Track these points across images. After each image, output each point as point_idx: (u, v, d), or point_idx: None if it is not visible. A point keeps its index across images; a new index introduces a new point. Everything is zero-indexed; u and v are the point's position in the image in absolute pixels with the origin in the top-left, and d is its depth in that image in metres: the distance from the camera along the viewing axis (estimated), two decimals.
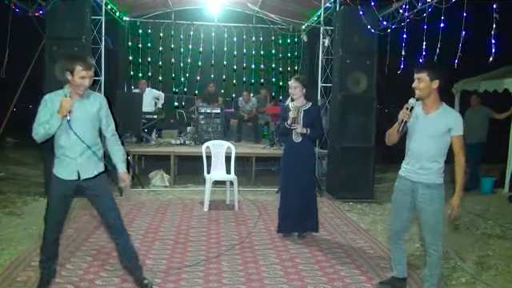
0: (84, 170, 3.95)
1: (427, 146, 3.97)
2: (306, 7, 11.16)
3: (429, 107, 4.01)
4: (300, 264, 5.15)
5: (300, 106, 5.96)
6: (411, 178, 4.07)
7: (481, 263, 5.32)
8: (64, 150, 3.91)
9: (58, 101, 3.83)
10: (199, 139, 10.75)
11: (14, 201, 7.63)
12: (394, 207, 4.28)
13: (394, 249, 4.40)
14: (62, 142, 3.90)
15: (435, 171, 4.00)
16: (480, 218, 7.35)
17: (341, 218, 7.21)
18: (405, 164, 4.18)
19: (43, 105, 3.88)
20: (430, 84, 3.93)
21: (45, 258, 4.17)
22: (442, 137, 3.94)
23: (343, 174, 8.35)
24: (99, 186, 4.06)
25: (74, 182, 3.96)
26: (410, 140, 4.11)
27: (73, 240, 5.68)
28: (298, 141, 5.94)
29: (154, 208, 7.51)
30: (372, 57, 8.44)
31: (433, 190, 4.01)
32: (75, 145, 3.88)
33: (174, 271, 4.80)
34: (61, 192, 4.01)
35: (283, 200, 6.09)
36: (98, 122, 4.04)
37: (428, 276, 4.17)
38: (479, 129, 9.74)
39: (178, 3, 12.66)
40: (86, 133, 3.91)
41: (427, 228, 4.08)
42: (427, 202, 4.01)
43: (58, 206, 4.07)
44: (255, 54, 13.93)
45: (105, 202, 4.07)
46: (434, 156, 3.98)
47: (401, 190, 4.18)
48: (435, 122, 3.95)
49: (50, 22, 7.94)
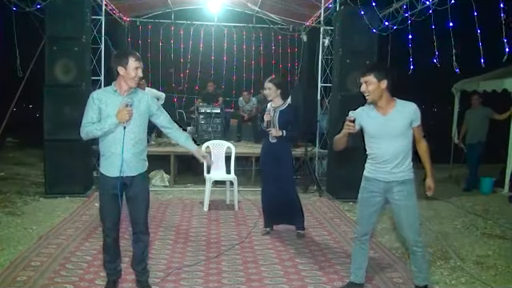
0: (129, 167, 3.98)
1: (395, 146, 3.98)
2: (306, 7, 11.16)
3: (385, 108, 4.01)
4: (300, 264, 5.15)
5: (276, 106, 6.03)
6: (384, 179, 4.06)
7: (481, 263, 5.31)
8: (110, 148, 3.96)
9: (106, 98, 3.93)
10: (199, 139, 10.75)
11: (13, 201, 7.62)
12: (364, 209, 4.24)
13: (358, 251, 4.34)
14: (109, 139, 3.95)
15: (407, 166, 4.03)
16: (480, 217, 7.34)
17: (341, 218, 7.21)
18: (372, 166, 4.18)
19: (91, 103, 3.94)
20: (379, 85, 3.93)
21: (110, 258, 4.20)
22: (405, 133, 3.98)
23: (343, 174, 8.34)
24: (140, 185, 4.11)
25: (119, 178, 3.97)
26: (373, 143, 4.12)
27: (73, 240, 5.68)
28: (274, 141, 6.01)
29: (153, 208, 7.49)
30: (372, 57, 8.42)
31: (407, 185, 4.03)
32: (121, 141, 3.92)
33: (173, 271, 4.80)
34: (110, 190, 4.01)
35: (264, 198, 6.25)
36: (146, 118, 4.11)
37: (417, 272, 4.18)
38: (479, 129, 9.74)
39: (178, 3, 12.66)
40: (133, 129, 3.97)
41: (407, 225, 4.06)
42: (405, 197, 4.02)
43: (110, 205, 4.05)
44: (255, 53, 13.93)
45: (138, 203, 4.10)
46: (403, 153, 4.00)
47: (371, 192, 4.15)
48: (396, 120, 3.96)
49: (50, 22, 7.92)
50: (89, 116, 3.92)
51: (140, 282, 4.31)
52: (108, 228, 4.09)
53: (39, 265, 4.84)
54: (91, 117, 3.91)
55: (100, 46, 9.27)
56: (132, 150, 3.98)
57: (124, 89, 3.96)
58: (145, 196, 4.17)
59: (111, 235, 4.12)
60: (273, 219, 6.28)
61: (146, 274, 4.32)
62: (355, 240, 4.38)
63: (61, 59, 7.90)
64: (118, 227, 4.17)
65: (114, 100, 3.92)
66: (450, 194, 8.96)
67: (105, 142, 3.98)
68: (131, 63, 3.90)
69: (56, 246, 5.47)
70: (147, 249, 4.29)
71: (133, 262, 4.30)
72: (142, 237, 4.18)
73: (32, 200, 7.76)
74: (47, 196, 7.89)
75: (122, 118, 3.83)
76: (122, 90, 3.97)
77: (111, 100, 3.93)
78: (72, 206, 7.37)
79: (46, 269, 4.74)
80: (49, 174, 8.02)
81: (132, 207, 4.09)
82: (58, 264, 4.88)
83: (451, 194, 8.98)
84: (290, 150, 6.31)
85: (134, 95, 4.00)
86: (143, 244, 4.21)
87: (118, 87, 3.98)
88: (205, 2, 12.39)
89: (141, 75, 4.00)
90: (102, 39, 9.36)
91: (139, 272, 4.29)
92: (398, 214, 4.09)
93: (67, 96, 7.83)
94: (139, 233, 4.16)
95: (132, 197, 4.06)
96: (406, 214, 4.04)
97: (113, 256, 4.21)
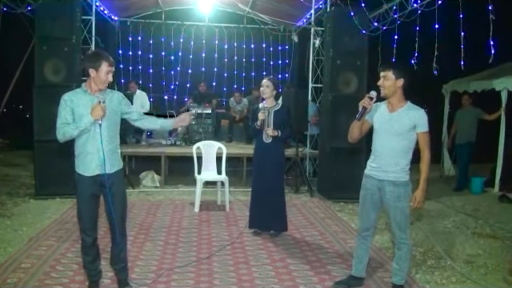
0: (105, 165, 3.96)
1: (392, 144, 4.05)
2: (297, 8, 11.17)
3: (394, 106, 4.10)
4: (291, 264, 5.16)
5: (270, 107, 6.07)
6: (377, 177, 4.14)
7: (471, 262, 5.35)
8: (86, 147, 3.95)
9: (77, 99, 3.92)
10: (190, 140, 10.75)
11: (3, 202, 7.57)
12: (362, 205, 4.35)
13: (359, 246, 4.45)
14: (83, 138, 3.94)
15: (401, 168, 4.06)
16: (470, 217, 7.39)
17: (332, 218, 7.22)
18: (370, 162, 4.26)
19: (63, 105, 3.92)
20: (395, 82, 4.03)
21: (90, 259, 4.17)
22: (406, 134, 4.02)
23: (334, 175, 8.37)
24: (117, 183, 4.09)
25: (97, 177, 3.97)
26: (375, 138, 4.20)
27: (63, 241, 5.65)
28: (268, 141, 6.06)
29: (144, 209, 7.49)
30: (363, 57, 8.45)
31: (400, 187, 4.07)
32: (97, 140, 3.91)
33: (164, 272, 4.78)
34: (88, 190, 4.00)
35: (253, 198, 6.28)
36: (118, 116, 4.10)
37: (397, 270, 4.24)
38: (469, 129, 9.81)
39: (169, 3, 12.64)
40: (108, 126, 3.96)
41: (395, 223, 4.15)
42: (394, 199, 4.08)
43: (88, 205, 4.03)
44: (246, 54, 13.92)
45: (117, 203, 4.07)
46: (399, 153, 4.05)
47: (368, 189, 4.25)
48: (399, 119, 4.03)
49: (39, 22, 7.88)
50: (62, 117, 3.90)
51: (119, 280, 4.32)
52: (87, 228, 4.05)
53: (29, 267, 4.81)
54: (65, 118, 3.89)
55: (90, 46, 9.22)
56: (108, 147, 3.97)
57: (94, 90, 3.95)
58: (122, 194, 4.16)
59: (91, 235, 4.08)
60: (258, 222, 6.26)
61: (124, 272, 4.30)
62: (357, 235, 4.50)
63: (51, 59, 7.86)
64: (96, 227, 4.14)
65: (85, 100, 3.92)
66: (441, 194, 9.01)
67: (80, 141, 3.96)
68: (103, 67, 3.88)
69: (46, 247, 5.44)
70: (125, 248, 4.26)
71: (111, 260, 4.29)
72: (119, 237, 4.15)
73: (22, 201, 7.71)
74: (37, 197, 7.84)
75: (96, 114, 3.82)
76: (92, 90, 3.96)
77: (82, 100, 3.92)
78: (62, 207, 7.33)
79: (36, 271, 4.71)
80: (39, 175, 7.97)
81: (110, 206, 4.05)
82: (49, 266, 4.85)
83: (442, 194, 9.02)
84: (284, 150, 6.36)
85: (104, 94, 3.99)
86: (121, 244, 4.19)
87: (88, 87, 3.97)
88: (196, 3, 12.38)
89: (111, 80, 3.98)
90: (93, 39, 9.33)
91: (118, 270, 4.29)
92: (388, 212, 4.20)
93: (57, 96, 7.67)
94: (116, 233, 4.13)
95: (111, 196, 4.03)
96: (394, 215, 4.13)
97: (93, 256, 4.18)
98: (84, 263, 4.22)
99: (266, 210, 6.13)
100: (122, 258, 4.24)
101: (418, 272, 4.99)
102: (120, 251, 4.20)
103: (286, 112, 6.15)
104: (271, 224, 6.21)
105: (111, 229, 4.15)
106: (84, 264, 4.23)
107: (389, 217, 4.22)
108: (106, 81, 3.93)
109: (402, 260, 4.19)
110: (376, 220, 4.41)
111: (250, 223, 6.34)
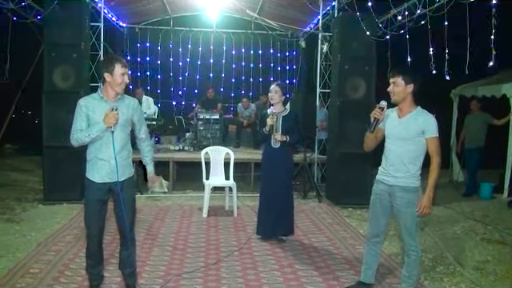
0: (117, 173, 3.98)
1: (401, 149, 4.05)
2: (305, 13, 11.18)
3: (403, 111, 4.09)
4: (299, 270, 5.14)
5: (278, 112, 6.08)
6: (388, 182, 4.13)
7: (480, 269, 5.31)
8: (98, 154, 3.97)
9: (93, 105, 3.96)
10: (198, 145, 10.76)
11: (12, 207, 7.60)
12: (372, 211, 4.34)
13: (368, 252, 4.44)
14: (96, 145, 3.97)
15: (411, 174, 4.05)
16: (479, 223, 7.34)
17: (340, 224, 7.20)
18: (381, 168, 4.25)
19: (78, 110, 3.96)
20: (405, 88, 4.02)
21: (93, 263, 4.21)
22: (414, 139, 4.01)
23: (342, 180, 8.34)
24: (128, 190, 4.12)
25: (106, 184, 4.00)
26: (386, 143, 4.19)
27: (72, 246, 5.66)
28: (277, 146, 6.07)
29: (152, 214, 7.50)
30: (371, 62, 8.44)
31: (409, 193, 4.05)
32: (109, 147, 3.95)
33: (173, 278, 4.78)
34: (97, 196, 4.02)
35: (262, 204, 6.27)
36: (130, 125, 4.13)
37: (406, 277, 4.22)
38: (478, 134, 9.77)
39: (177, 10, 12.68)
40: (120, 134, 4.00)
41: (404, 230, 4.13)
42: (404, 205, 4.06)
43: (96, 211, 4.06)
44: (254, 60, 13.95)
45: (127, 209, 4.08)
46: (409, 159, 4.04)
47: (378, 194, 4.24)
48: (408, 124, 4.03)
49: (48, 29, 7.92)
50: (77, 123, 3.95)
51: (127, 285, 4.33)
52: (93, 234, 4.09)
53: (38, 272, 4.83)
54: (80, 124, 3.94)
55: (99, 52, 9.27)
56: (120, 154, 4.00)
57: (111, 95, 3.99)
58: (133, 201, 4.20)
59: (96, 241, 4.12)
60: (266, 228, 6.24)
61: (133, 277, 4.33)
62: (366, 241, 4.48)
63: (59, 66, 7.89)
64: (102, 233, 4.18)
65: (101, 106, 3.95)
66: (450, 200, 8.96)
67: (92, 148, 4.00)
68: (117, 69, 3.91)
69: (55, 252, 5.46)
70: (134, 254, 4.29)
71: (120, 265, 4.31)
72: (128, 243, 4.17)
73: (31, 207, 7.74)
74: (46, 202, 7.87)
75: (108, 122, 3.85)
76: (108, 96, 3.99)
77: (98, 107, 3.95)
78: (71, 212, 7.35)
79: (44, 276, 4.72)
80: (48, 180, 8.00)
81: (120, 212, 4.07)
82: (57, 271, 4.87)
83: (451, 200, 8.98)
84: (292, 155, 6.37)
85: (120, 101, 4.03)
86: (130, 250, 4.22)
87: (104, 94, 4.01)
88: (203, 9, 12.41)
89: (127, 81, 4.03)
90: (101, 46, 9.37)
91: (126, 275, 4.30)
92: (398, 218, 4.17)
93: (66, 102, 7.79)
94: (126, 239, 4.15)
95: (121, 201, 4.05)
96: (404, 221, 4.10)
97: (96, 261, 4.22)
98: (87, 267, 4.25)
99: (274, 215, 6.12)
100: (130, 262, 4.26)
101: (426, 278, 4.96)
102: (129, 256, 4.22)
103: (295, 117, 6.17)
104: (278, 228, 6.20)
105: (121, 234, 4.17)
106: (87, 267, 4.26)
107: (398, 223, 4.20)
108: (122, 83, 3.96)
109: (410, 267, 4.17)
110: (386, 226, 4.38)
111: (258, 229, 6.33)
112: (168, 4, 11.95)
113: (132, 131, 4.25)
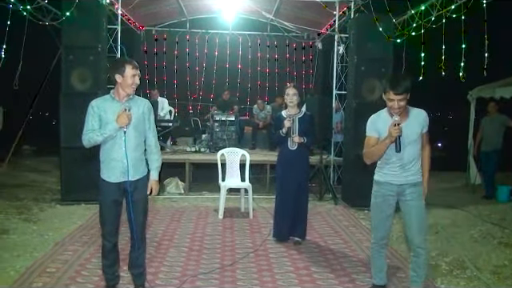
0: (131, 172, 4.01)
1: (410, 152, 4.08)
2: (321, 15, 11.17)
3: (402, 117, 4.06)
4: (315, 272, 5.12)
5: (294, 114, 6.06)
6: (397, 182, 4.14)
7: (497, 273, 5.24)
8: (110, 154, 4.01)
9: (105, 105, 4.00)
10: (214, 147, 10.78)
11: (30, 207, 7.69)
12: (377, 213, 4.31)
13: (377, 256, 4.40)
14: (109, 145, 4.00)
15: (418, 170, 4.15)
16: (497, 226, 7.25)
17: (356, 226, 7.17)
18: (384, 170, 4.22)
19: (91, 111, 4.01)
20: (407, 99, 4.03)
21: (109, 263, 4.24)
22: (418, 139, 4.11)
23: (358, 182, 8.29)
24: (141, 190, 4.15)
25: (121, 184, 4.03)
26: (390, 150, 4.10)
27: (88, 246, 5.70)
28: (294, 148, 6.06)
29: (168, 215, 7.53)
30: (387, 64, 8.39)
31: (418, 187, 4.14)
32: (121, 147, 3.98)
33: (188, 279, 4.79)
34: (111, 196, 4.06)
35: (278, 207, 6.24)
36: (143, 125, 4.14)
37: (415, 277, 4.18)
38: (495, 137, 9.67)
39: (193, 12, 12.76)
40: (133, 134, 4.03)
41: (416, 225, 4.09)
42: (416, 198, 4.11)
43: (111, 211, 4.10)
44: (270, 61, 13.97)
45: (139, 209, 4.12)
46: (416, 157, 4.13)
47: (383, 195, 4.22)
48: (411, 127, 4.06)
49: (66, 32, 8.01)
50: (89, 124, 3.99)
51: (136, 285, 4.35)
52: (108, 233, 4.12)
53: (55, 271, 4.87)
54: (92, 124, 3.98)
55: (116, 54, 9.35)
56: (133, 154, 4.03)
57: (122, 96, 4.03)
58: (145, 201, 4.21)
59: (111, 240, 4.15)
60: (282, 232, 6.22)
61: (142, 277, 4.34)
62: (373, 245, 4.42)
63: (77, 68, 7.97)
64: (117, 232, 4.21)
65: (113, 107, 3.99)
66: (467, 203, 8.86)
67: (105, 148, 4.04)
68: (128, 71, 3.94)
69: (72, 252, 5.50)
70: (144, 253, 4.31)
71: (129, 265, 4.34)
72: (139, 243, 4.20)
73: (48, 207, 7.82)
74: (63, 203, 7.95)
75: (121, 122, 3.89)
76: (120, 97, 4.03)
77: (110, 107, 3.99)
78: (88, 212, 7.41)
79: (61, 275, 4.77)
80: (65, 181, 8.08)
81: (130, 212, 4.10)
82: (74, 271, 4.91)
83: (468, 203, 8.88)
84: (308, 157, 6.35)
85: (132, 101, 4.06)
86: (140, 249, 4.24)
87: (116, 95, 4.04)
88: (219, 11, 12.46)
89: (138, 82, 4.05)
90: (118, 48, 9.44)
91: (135, 275, 4.33)
92: (409, 214, 4.14)
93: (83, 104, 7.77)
94: (137, 239, 4.18)
95: (132, 202, 4.08)
96: (416, 214, 4.09)
97: (112, 261, 4.24)
98: (103, 267, 4.28)
99: (290, 217, 6.12)
100: (140, 263, 4.28)
101: (443, 282, 4.91)
102: (138, 256, 4.24)
103: (310, 119, 6.15)
104: (294, 231, 6.19)
105: (131, 234, 4.19)
106: (103, 268, 4.29)
107: (409, 220, 4.13)
108: (133, 84, 3.99)
109: (419, 267, 4.13)
110: (391, 227, 4.41)
111: (274, 231, 6.32)
112: (185, 6, 12.02)
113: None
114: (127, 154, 3.97)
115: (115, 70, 3.97)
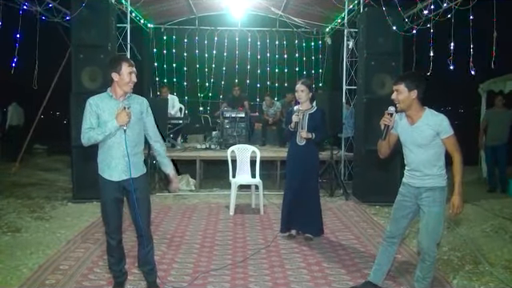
0: (130, 170, 4.02)
1: (421, 155, 3.99)
2: (330, 10, 11.13)
3: (413, 118, 4.02)
4: (326, 268, 5.11)
5: (305, 109, 6.05)
6: (415, 184, 4.07)
7: (510, 268, 5.19)
8: (111, 152, 4.02)
9: (102, 103, 3.98)
10: (224, 143, 10.79)
11: (42, 206, 7.74)
12: (394, 210, 4.28)
13: (383, 252, 4.36)
14: (108, 143, 4.00)
15: (437, 175, 3.99)
16: (509, 221, 7.19)
17: (367, 222, 7.15)
18: (407, 172, 4.20)
19: (88, 108, 3.99)
20: (409, 95, 3.96)
21: (115, 260, 4.24)
22: (431, 144, 3.95)
23: (369, 178, 8.28)
24: (142, 187, 4.15)
25: (122, 182, 4.04)
26: (405, 150, 4.13)
27: (100, 244, 5.72)
28: (302, 144, 6.03)
29: (180, 212, 7.56)
30: (397, 58, 8.34)
31: (435, 192, 3.98)
32: (122, 146, 3.99)
33: (200, 275, 4.81)
34: (112, 194, 4.08)
35: (286, 201, 6.25)
36: (142, 123, 4.15)
37: (421, 278, 4.11)
38: (501, 131, 9.61)
39: (202, 9, 12.75)
40: (132, 132, 4.02)
41: (425, 231, 4.00)
42: (430, 203, 3.98)
43: (112, 209, 4.12)
44: (279, 57, 13.95)
45: (142, 206, 4.12)
46: (431, 162, 3.97)
47: (404, 195, 4.18)
48: (421, 131, 3.96)
49: (75, 30, 8.04)
50: (88, 122, 3.96)
51: (148, 282, 4.36)
52: (112, 231, 4.13)
53: (67, 268, 4.91)
54: (90, 122, 3.96)
55: (126, 53, 9.37)
56: (133, 152, 4.03)
57: (119, 94, 4.01)
58: (146, 198, 4.21)
59: (115, 238, 4.15)
60: (289, 223, 6.24)
61: (152, 274, 4.34)
62: (383, 239, 4.41)
63: (87, 67, 7.99)
64: (121, 230, 4.22)
65: (110, 105, 3.98)
66: (479, 197, 8.80)
67: (105, 146, 4.03)
68: (124, 68, 3.93)
69: (84, 249, 5.54)
70: (152, 250, 4.30)
71: (139, 263, 4.35)
72: (145, 241, 4.20)
73: (60, 205, 7.88)
74: (75, 201, 8.00)
75: (121, 120, 3.87)
76: (117, 95, 4.01)
77: (107, 105, 3.98)
78: (99, 210, 7.31)
79: (74, 272, 4.80)
80: (76, 179, 8.12)
81: (135, 210, 4.10)
82: (86, 268, 4.94)
83: (479, 197, 8.82)
84: (318, 153, 6.32)
85: (130, 100, 4.05)
86: (148, 247, 4.24)
87: (113, 93, 4.02)
88: (228, 8, 12.44)
89: (135, 80, 4.02)
90: (128, 46, 9.46)
91: (146, 272, 4.33)
92: (422, 218, 4.08)
93: None
94: (143, 236, 4.18)
95: (136, 200, 4.07)
96: (427, 220, 4.00)
97: (118, 258, 4.24)
98: (109, 264, 4.29)
99: (298, 212, 6.11)
100: (149, 260, 4.28)
101: (455, 277, 4.88)
102: (147, 253, 4.24)
103: (321, 115, 6.11)
104: (306, 227, 6.17)
105: (137, 232, 4.20)
106: (109, 265, 4.30)
107: (421, 224, 4.08)
108: (130, 81, 3.97)
109: (425, 271, 4.06)
110: (405, 229, 4.34)
111: (282, 226, 6.32)
112: (193, 4, 12.02)
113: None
114: (128, 151, 3.97)
115: (111, 69, 3.95)
